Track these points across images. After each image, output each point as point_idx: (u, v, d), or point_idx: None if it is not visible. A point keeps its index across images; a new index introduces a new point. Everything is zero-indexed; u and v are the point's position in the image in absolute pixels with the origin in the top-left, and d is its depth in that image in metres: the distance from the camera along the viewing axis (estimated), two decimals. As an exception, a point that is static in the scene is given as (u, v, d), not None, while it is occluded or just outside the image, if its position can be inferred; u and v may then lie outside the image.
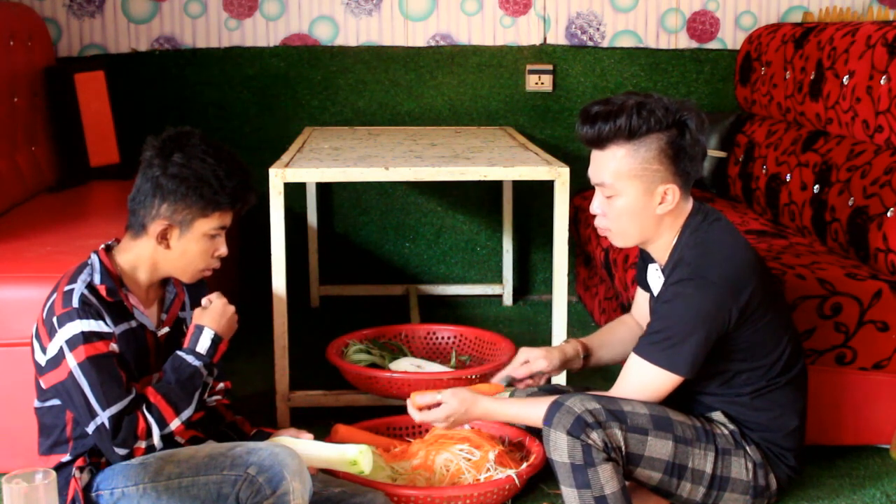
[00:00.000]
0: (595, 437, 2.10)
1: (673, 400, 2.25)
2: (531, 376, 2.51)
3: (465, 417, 2.33)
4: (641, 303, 2.56)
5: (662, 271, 2.29)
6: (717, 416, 2.29)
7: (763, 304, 2.22)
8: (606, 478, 2.10)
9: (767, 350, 2.25)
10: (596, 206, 2.28)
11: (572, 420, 2.11)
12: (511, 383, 2.51)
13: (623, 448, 2.13)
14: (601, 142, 2.21)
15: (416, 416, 2.36)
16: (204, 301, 2.25)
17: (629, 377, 2.24)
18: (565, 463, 2.11)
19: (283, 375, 2.89)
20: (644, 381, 2.21)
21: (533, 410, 2.23)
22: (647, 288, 2.49)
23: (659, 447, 2.16)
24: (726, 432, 2.26)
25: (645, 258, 2.46)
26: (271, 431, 2.35)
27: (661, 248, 2.29)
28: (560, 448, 2.11)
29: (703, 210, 2.27)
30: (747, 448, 2.25)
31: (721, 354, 2.22)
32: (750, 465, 2.25)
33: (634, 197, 2.21)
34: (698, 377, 2.23)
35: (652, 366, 2.19)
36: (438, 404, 2.33)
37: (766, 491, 2.27)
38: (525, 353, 2.53)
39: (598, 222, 2.30)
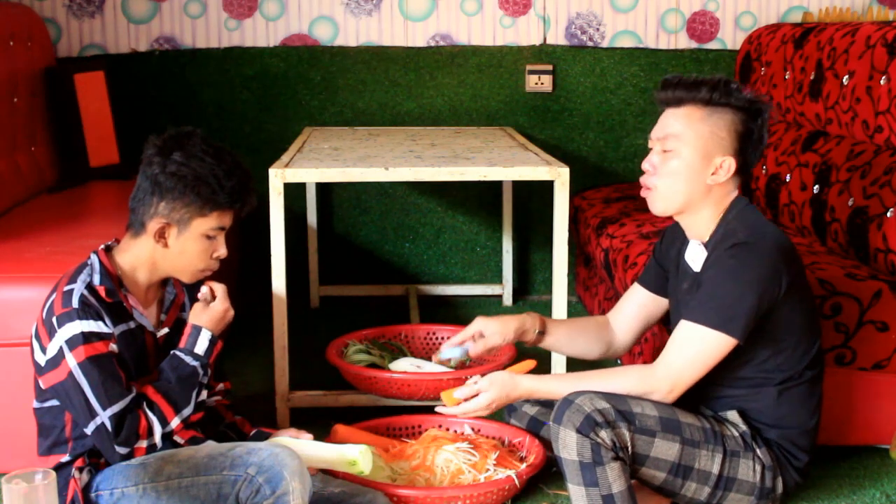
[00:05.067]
0: (604, 435, 2.10)
1: (692, 397, 2.26)
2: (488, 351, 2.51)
3: (507, 400, 2.33)
4: (631, 303, 2.55)
5: (705, 245, 2.30)
6: (732, 415, 2.29)
7: (804, 288, 2.27)
8: (614, 476, 2.11)
9: (803, 335, 2.27)
10: (648, 163, 2.30)
11: (582, 418, 2.11)
12: (466, 362, 2.49)
13: (630, 448, 2.14)
14: (679, 101, 2.27)
15: (454, 410, 2.34)
16: (204, 289, 2.24)
17: (679, 343, 2.20)
18: (574, 461, 2.12)
19: (282, 375, 2.89)
20: (696, 346, 2.18)
21: (576, 386, 2.22)
22: (655, 289, 2.50)
23: (665, 448, 2.17)
24: (736, 434, 2.26)
25: (659, 258, 2.49)
26: (271, 431, 2.35)
27: (700, 222, 2.30)
28: (569, 446, 2.12)
29: (746, 200, 2.33)
30: (757, 450, 2.25)
31: (764, 330, 2.22)
32: (758, 468, 2.24)
33: (692, 157, 2.24)
34: (736, 355, 2.21)
35: (706, 329, 2.16)
36: (476, 394, 2.32)
37: (771, 493, 2.27)
38: (481, 323, 2.52)
39: (645, 178, 2.32)
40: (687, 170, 2.25)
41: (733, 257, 2.18)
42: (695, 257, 2.34)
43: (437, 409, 2.39)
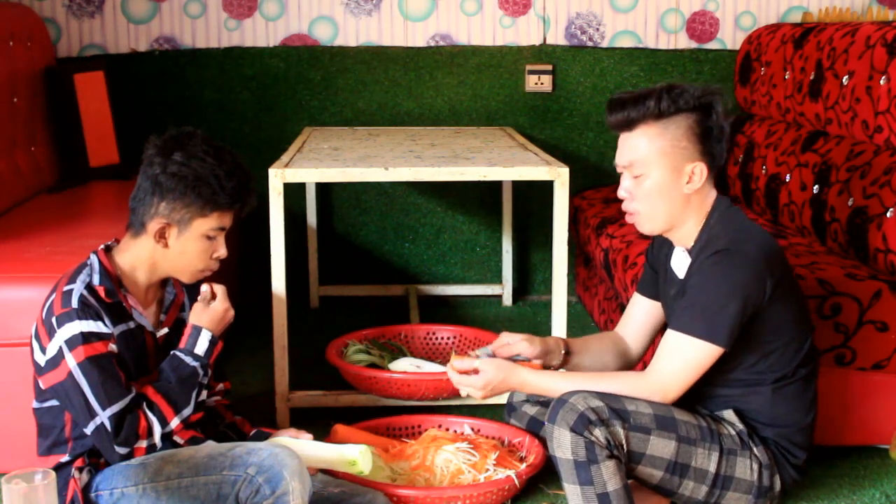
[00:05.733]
0: (598, 434, 2.10)
1: (687, 397, 2.26)
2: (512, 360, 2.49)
3: (502, 385, 2.32)
4: (633, 314, 2.55)
5: (689, 252, 2.30)
6: (728, 414, 2.29)
7: (791, 287, 2.26)
8: (609, 475, 2.11)
9: (793, 334, 2.27)
10: (623, 190, 2.30)
11: (575, 417, 2.11)
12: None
13: (625, 446, 2.14)
14: (631, 123, 2.24)
15: (454, 378, 2.34)
16: (204, 288, 2.24)
17: (667, 353, 2.21)
18: (568, 459, 2.12)
19: (282, 375, 2.89)
20: (682, 355, 2.19)
21: (569, 386, 2.22)
22: (652, 294, 2.49)
23: (661, 446, 2.17)
24: (733, 433, 2.26)
25: (652, 262, 2.48)
26: (271, 431, 2.35)
27: (687, 232, 2.30)
28: (563, 445, 2.12)
29: (727, 200, 2.32)
30: (754, 449, 2.25)
31: (752, 333, 2.22)
32: (755, 466, 2.25)
33: (662, 175, 2.23)
34: (725, 360, 2.22)
35: (691, 338, 2.17)
36: (476, 371, 2.32)
37: (769, 492, 2.27)
38: (506, 336, 2.50)
39: (625, 206, 2.31)
40: (661, 188, 2.24)
41: (716, 265, 2.18)
42: (679, 264, 2.35)
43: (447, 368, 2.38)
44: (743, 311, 2.17)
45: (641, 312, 2.54)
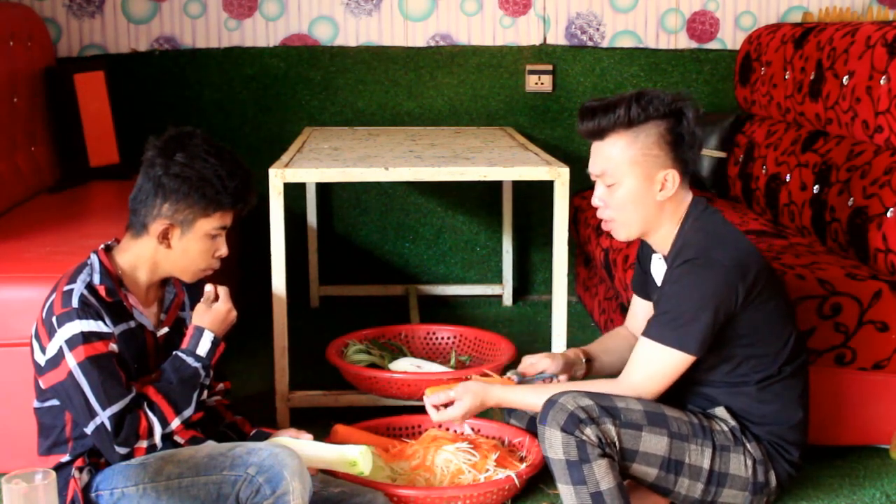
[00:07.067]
0: (589, 432, 2.11)
1: (677, 394, 2.26)
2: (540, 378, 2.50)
3: (481, 408, 2.35)
4: (637, 312, 2.56)
5: (666, 259, 2.30)
6: (720, 411, 2.29)
7: (768, 289, 2.25)
8: (602, 474, 2.11)
9: (774, 336, 2.26)
10: (597, 198, 2.30)
11: (565, 417, 2.11)
12: (522, 380, 2.49)
13: (617, 444, 2.14)
14: (602, 132, 2.24)
15: (434, 416, 2.37)
16: (208, 288, 2.25)
17: (639, 360, 2.23)
18: (560, 460, 2.12)
19: (282, 375, 2.89)
20: (654, 363, 2.21)
21: (543, 397, 2.23)
22: (644, 294, 2.50)
23: (654, 443, 2.17)
24: (726, 429, 2.26)
25: (641, 261, 2.48)
26: (271, 431, 2.35)
27: (663, 237, 2.30)
28: (555, 445, 2.12)
29: (703, 202, 2.31)
30: (747, 445, 2.26)
31: (729, 338, 2.23)
32: (749, 462, 2.25)
33: (635, 184, 2.23)
34: (706, 365, 2.24)
35: (662, 346, 2.19)
36: (452, 402, 2.35)
37: (765, 488, 2.28)
38: (529, 358, 2.53)
39: (600, 213, 2.32)
40: (634, 196, 2.25)
41: (686, 273, 2.19)
42: (657, 271, 2.37)
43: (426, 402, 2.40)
44: (714, 320, 2.17)
45: (641, 310, 2.55)
